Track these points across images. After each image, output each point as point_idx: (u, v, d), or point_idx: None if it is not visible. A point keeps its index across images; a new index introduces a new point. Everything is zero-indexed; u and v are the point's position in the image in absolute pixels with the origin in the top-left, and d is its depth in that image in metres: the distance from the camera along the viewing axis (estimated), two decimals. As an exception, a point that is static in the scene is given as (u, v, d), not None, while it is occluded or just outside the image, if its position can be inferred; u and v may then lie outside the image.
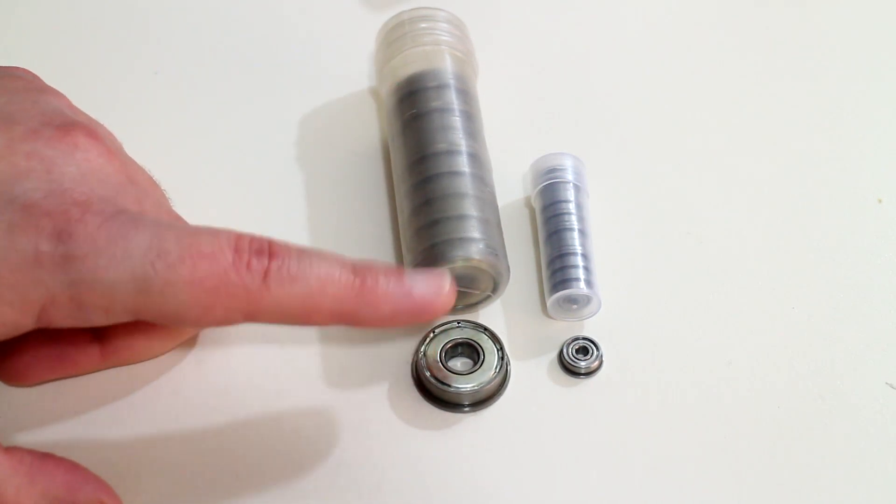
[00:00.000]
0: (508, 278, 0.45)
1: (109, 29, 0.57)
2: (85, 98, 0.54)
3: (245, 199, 0.50)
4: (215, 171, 0.51)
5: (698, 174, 0.52)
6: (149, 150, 0.52)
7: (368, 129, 0.53)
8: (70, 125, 0.38)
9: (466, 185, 0.45)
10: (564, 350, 0.45)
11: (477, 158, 0.46)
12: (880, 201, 0.51)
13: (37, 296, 0.34)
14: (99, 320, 0.35)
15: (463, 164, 0.46)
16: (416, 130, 0.47)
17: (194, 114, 0.54)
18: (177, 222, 0.40)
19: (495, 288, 0.45)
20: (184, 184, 0.51)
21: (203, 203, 0.50)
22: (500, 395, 0.44)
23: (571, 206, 0.47)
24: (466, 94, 0.48)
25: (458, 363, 0.45)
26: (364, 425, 0.43)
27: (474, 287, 0.45)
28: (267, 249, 0.35)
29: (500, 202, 0.48)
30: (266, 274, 0.35)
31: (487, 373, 0.44)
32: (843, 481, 0.42)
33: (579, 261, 0.46)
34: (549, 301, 0.45)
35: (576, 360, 0.45)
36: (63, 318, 0.35)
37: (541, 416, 0.44)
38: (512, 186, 0.51)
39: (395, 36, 0.50)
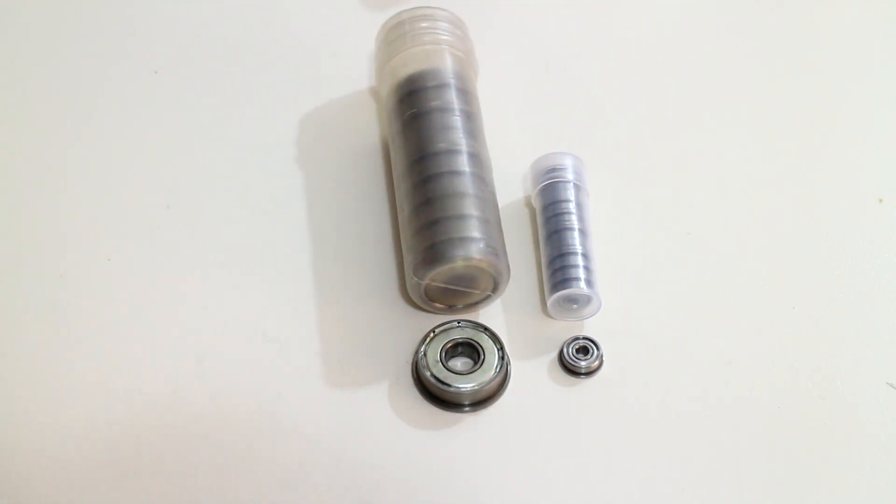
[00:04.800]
0: (508, 278, 0.45)
1: (110, 29, 0.57)
2: (85, 97, 0.55)
3: (245, 199, 0.50)
4: (215, 170, 0.51)
5: (698, 174, 0.52)
6: (149, 149, 0.52)
7: (368, 129, 0.53)
8: None
9: (466, 184, 0.45)
10: (564, 350, 0.45)
11: (477, 158, 0.46)
12: (880, 201, 0.51)
13: None
14: None
15: (463, 163, 0.46)
16: (417, 130, 0.47)
17: (194, 113, 0.54)
18: None
19: (495, 287, 0.45)
20: (184, 183, 0.51)
21: (203, 203, 0.50)
22: (500, 395, 0.44)
23: (571, 206, 0.47)
24: (466, 94, 0.48)
25: (458, 363, 0.45)
26: (364, 425, 0.43)
27: (474, 287, 0.45)
28: None
29: (500, 202, 0.48)
30: None
31: (487, 373, 0.44)
32: (843, 481, 0.42)
33: (579, 260, 0.46)
34: (550, 301, 0.45)
35: (576, 360, 0.45)
36: None
37: (541, 416, 0.44)
38: (512, 186, 0.51)
39: (395, 35, 0.50)
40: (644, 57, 0.57)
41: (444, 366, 0.44)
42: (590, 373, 0.45)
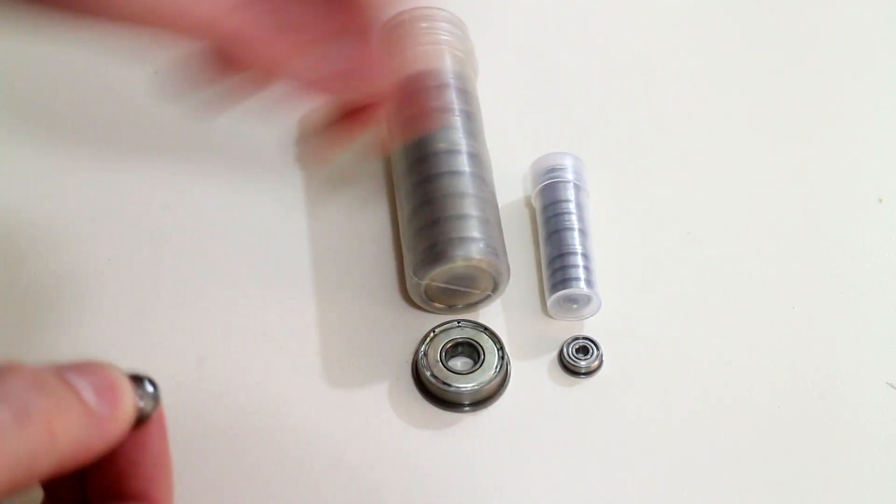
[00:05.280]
0: (508, 278, 0.45)
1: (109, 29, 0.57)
2: (85, 97, 0.55)
3: (245, 199, 0.50)
4: (215, 171, 0.51)
5: (698, 174, 0.52)
6: (148, 149, 0.52)
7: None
8: None
9: (467, 184, 0.45)
10: (564, 350, 0.45)
11: (477, 158, 0.46)
12: (880, 201, 0.51)
13: None
14: None
15: (463, 163, 0.46)
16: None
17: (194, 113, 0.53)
18: None
19: (495, 287, 0.45)
20: (183, 184, 0.51)
21: (203, 203, 0.50)
22: (500, 395, 0.44)
23: (571, 206, 0.47)
24: (466, 94, 0.48)
25: (459, 363, 0.45)
26: (364, 425, 0.43)
27: (474, 287, 0.45)
28: None
29: (500, 202, 0.48)
30: None
31: (487, 373, 0.44)
32: (843, 481, 0.42)
33: (579, 260, 0.46)
34: (550, 300, 0.45)
35: (576, 360, 0.45)
36: None
37: (541, 416, 0.44)
38: (512, 186, 0.50)
39: (396, 35, 0.50)
40: (644, 57, 0.57)
41: (444, 366, 0.44)
42: (589, 373, 0.45)
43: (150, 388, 0.32)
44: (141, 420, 0.31)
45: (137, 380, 0.32)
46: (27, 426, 0.26)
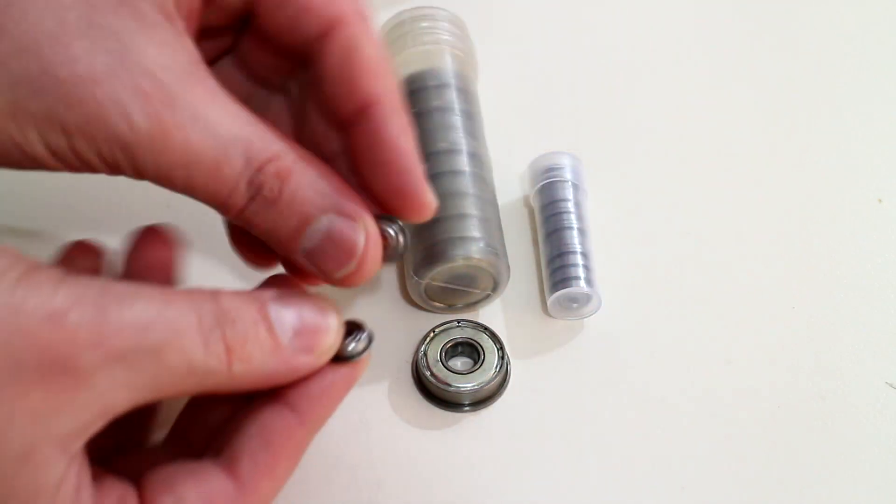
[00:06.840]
0: (508, 277, 0.45)
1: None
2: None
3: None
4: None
5: (698, 174, 0.52)
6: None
7: (368, 128, 0.53)
8: None
9: (467, 183, 0.45)
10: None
11: (477, 157, 0.46)
12: (880, 201, 0.51)
13: None
14: None
15: (463, 163, 0.46)
16: (417, 129, 0.47)
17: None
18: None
19: (495, 287, 0.45)
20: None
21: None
22: (500, 394, 0.44)
23: (570, 205, 0.47)
24: (467, 94, 0.48)
25: (458, 363, 0.45)
26: (364, 425, 0.43)
27: (474, 286, 0.45)
28: None
29: (500, 201, 0.48)
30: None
31: (487, 372, 0.43)
32: (843, 481, 0.42)
33: (579, 259, 0.46)
34: (550, 300, 0.45)
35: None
36: None
37: (541, 416, 0.44)
38: (511, 186, 0.50)
39: (396, 35, 0.50)
40: (643, 57, 0.57)
41: (444, 365, 0.44)
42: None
43: (364, 336, 0.34)
44: (347, 360, 0.33)
45: (354, 325, 0.34)
46: (208, 347, 0.30)
